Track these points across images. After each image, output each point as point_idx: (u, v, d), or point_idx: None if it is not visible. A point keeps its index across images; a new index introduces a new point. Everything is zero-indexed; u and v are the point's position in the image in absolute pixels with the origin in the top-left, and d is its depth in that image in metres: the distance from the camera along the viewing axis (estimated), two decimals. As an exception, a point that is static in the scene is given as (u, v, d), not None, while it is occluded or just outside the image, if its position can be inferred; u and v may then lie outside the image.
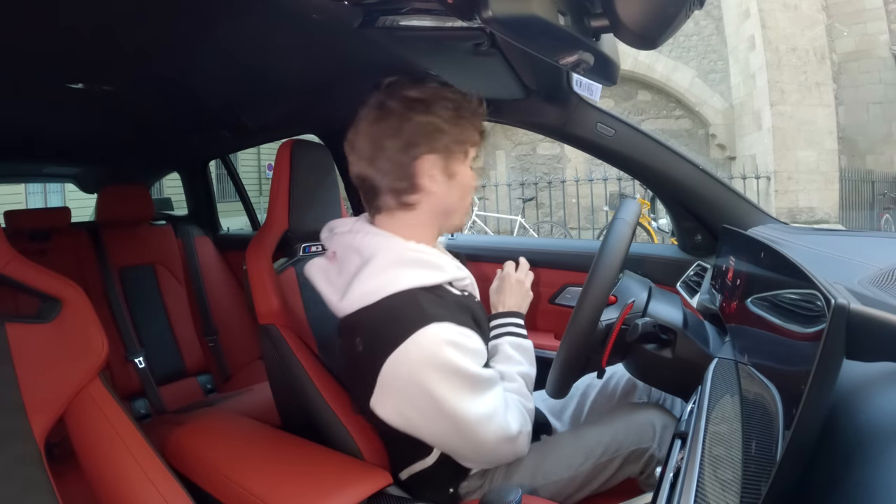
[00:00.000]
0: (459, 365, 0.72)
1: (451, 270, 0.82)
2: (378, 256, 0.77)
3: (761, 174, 6.22)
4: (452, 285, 0.83)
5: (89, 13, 0.72)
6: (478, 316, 0.84)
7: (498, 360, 0.88)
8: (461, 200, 0.84)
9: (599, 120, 1.09)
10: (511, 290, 0.98)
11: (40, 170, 2.38)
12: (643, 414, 0.91)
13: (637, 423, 0.89)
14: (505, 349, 0.89)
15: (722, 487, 0.44)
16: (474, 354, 0.76)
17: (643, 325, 0.81)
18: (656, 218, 5.56)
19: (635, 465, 0.88)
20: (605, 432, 0.90)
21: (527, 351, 0.91)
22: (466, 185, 0.83)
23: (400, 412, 0.76)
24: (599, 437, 0.89)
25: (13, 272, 0.78)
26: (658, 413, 0.91)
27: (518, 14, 0.53)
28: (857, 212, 6.99)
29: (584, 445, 0.89)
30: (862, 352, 0.40)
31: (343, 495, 0.74)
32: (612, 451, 0.87)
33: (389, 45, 0.83)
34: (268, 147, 3.21)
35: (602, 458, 0.87)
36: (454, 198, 0.83)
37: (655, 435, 0.87)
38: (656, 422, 0.89)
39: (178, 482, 0.76)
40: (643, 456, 0.87)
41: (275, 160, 1.03)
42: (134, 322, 1.85)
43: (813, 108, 6.26)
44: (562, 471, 0.88)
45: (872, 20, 7.56)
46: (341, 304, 0.78)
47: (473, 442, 0.77)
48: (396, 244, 0.79)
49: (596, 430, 0.92)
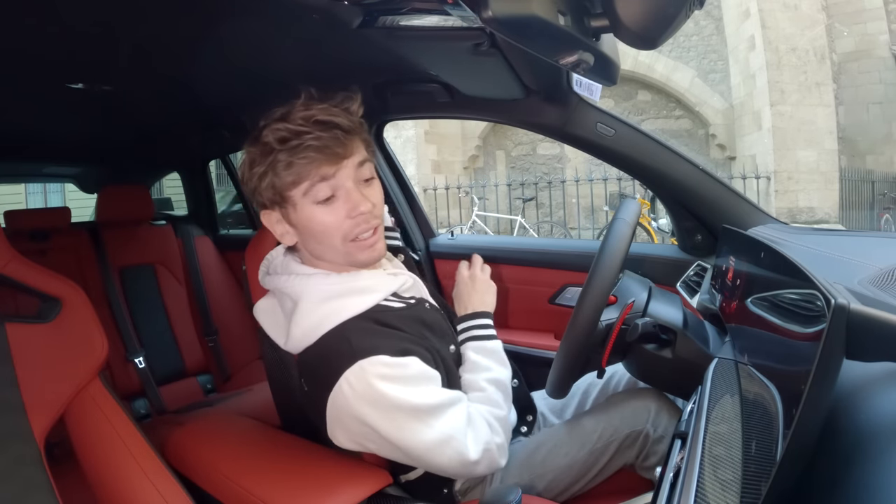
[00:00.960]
0: (396, 398, 0.69)
1: (384, 286, 0.77)
2: (303, 298, 0.74)
3: (761, 174, 6.22)
4: (397, 297, 0.80)
5: (89, 13, 0.72)
6: (428, 321, 0.80)
7: (465, 368, 0.85)
8: (319, 244, 0.75)
9: (599, 120, 1.09)
10: (469, 289, 0.93)
11: (40, 170, 2.38)
12: (638, 398, 0.92)
13: (631, 408, 0.90)
14: (469, 356, 0.85)
15: (722, 487, 0.44)
16: (415, 381, 0.72)
17: (643, 325, 0.81)
18: (656, 218, 5.55)
19: (631, 449, 0.88)
20: (600, 419, 0.90)
21: (492, 353, 0.86)
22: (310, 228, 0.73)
23: (355, 442, 0.74)
24: (595, 424, 0.90)
25: (13, 272, 0.78)
26: (654, 396, 0.91)
27: (518, 14, 0.53)
28: (857, 212, 6.98)
29: (580, 433, 0.90)
30: (862, 352, 0.40)
31: (343, 495, 0.74)
32: (608, 437, 0.88)
33: (389, 45, 0.84)
34: (268, 147, 3.21)
35: (597, 444, 0.87)
36: (311, 243, 0.76)
37: (650, 416, 0.88)
38: (651, 404, 0.89)
39: (178, 482, 0.76)
40: (638, 438, 0.87)
41: (275, 160, 1.03)
42: (134, 322, 1.85)
43: (813, 108, 6.25)
44: (559, 459, 0.88)
45: (872, 20, 7.55)
46: (286, 346, 0.77)
47: (434, 466, 0.75)
48: (316, 281, 0.76)
49: (591, 418, 0.92)
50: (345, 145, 0.71)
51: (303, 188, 0.71)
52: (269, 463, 0.83)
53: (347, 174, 0.72)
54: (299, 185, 0.70)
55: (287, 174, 0.70)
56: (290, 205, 0.73)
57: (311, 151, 0.69)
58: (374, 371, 0.69)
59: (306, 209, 0.72)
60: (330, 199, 0.72)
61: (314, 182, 0.70)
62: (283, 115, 0.71)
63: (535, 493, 0.87)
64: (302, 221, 0.73)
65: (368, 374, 0.69)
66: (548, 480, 0.87)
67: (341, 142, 0.70)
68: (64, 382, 0.76)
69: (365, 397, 0.69)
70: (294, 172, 0.70)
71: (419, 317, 0.80)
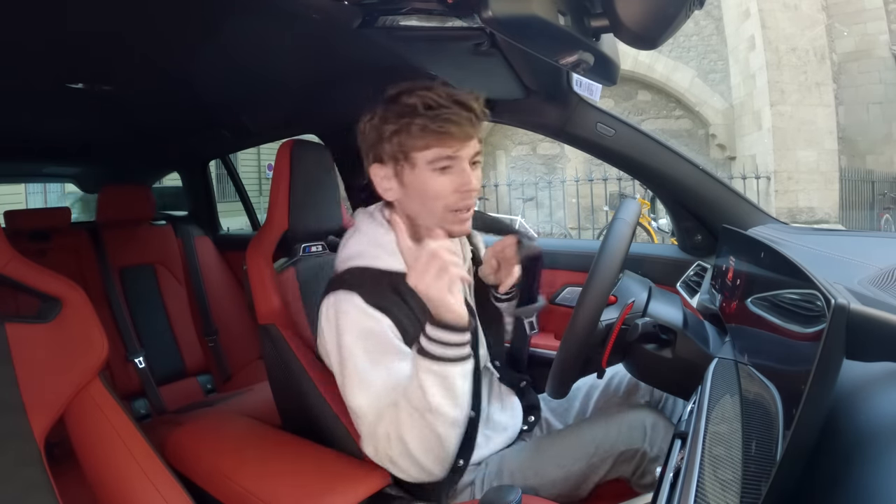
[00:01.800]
0: (345, 330, 0.77)
1: (386, 262, 0.83)
2: (358, 233, 0.87)
3: (761, 174, 6.22)
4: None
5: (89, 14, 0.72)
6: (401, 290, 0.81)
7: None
8: (423, 206, 0.81)
9: (599, 120, 1.09)
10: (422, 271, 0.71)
11: (40, 170, 2.38)
12: (634, 415, 0.91)
13: (627, 424, 0.89)
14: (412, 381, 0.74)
15: (722, 487, 0.44)
16: (368, 334, 0.77)
17: (643, 325, 0.81)
18: (656, 218, 5.56)
19: (627, 465, 0.88)
20: (598, 433, 0.90)
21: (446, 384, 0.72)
22: (421, 190, 0.79)
23: (324, 351, 0.82)
24: (592, 436, 0.90)
25: (13, 272, 0.78)
26: (648, 413, 0.91)
27: (518, 14, 0.53)
28: (857, 212, 6.98)
29: (578, 445, 0.89)
30: (862, 352, 0.40)
31: (343, 495, 0.74)
32: (604, 451, 0.88)
33: (389, 45, 0.84)
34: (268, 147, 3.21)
35: (594, 457, 0.87)
36: (414, 204, 0.81)
37: (646, 435, 0.88)
38: (646, 421, 0.89)
39: (178, 482, 0.76)
40: (635, 456, 0.87)
41: (275, 160, 1.03)
42: (134, 322, 1.85)
43: (813, 108, 6.25)
44: (555, 470, 0.88)
45: (872, 20, 7.55)
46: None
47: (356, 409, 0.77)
48: (375, 229, 0.86)
49: (588, 430, 0.92)
50: (475, 128, 0.78)
51: (429, 154, 0.77)
52: (269, 463, 0.84)
53: (468, 153, 0.78)
54: (427, 150, 0.76)
55: (420, 137, 0.76)
56: (410, 165, 0.78)
57: (448, 125, 0.75)
58: (344, 299, 0.78)
59: (424, 173, 0.78)
60: (446, 170, 0.78)
61: (442, 151, 0.76)
62: (426, 86, 0.77)
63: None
64: (416, 182, 0.79)
65: (336, 300, 0.79)
66: (546, 492, 0.87)
67: (472, 124, 0.77)
68: (64, 382, 0.76)
69: (330, 316, 0.80)
70: (427, 137, 0.75)
71: (398, 289, 0.82)
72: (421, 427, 0.73)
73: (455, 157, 0.77)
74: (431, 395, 0.71)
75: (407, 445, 0.74)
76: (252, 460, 0.85)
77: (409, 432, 0.73)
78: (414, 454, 0.74)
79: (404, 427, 0.74)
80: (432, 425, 0.72)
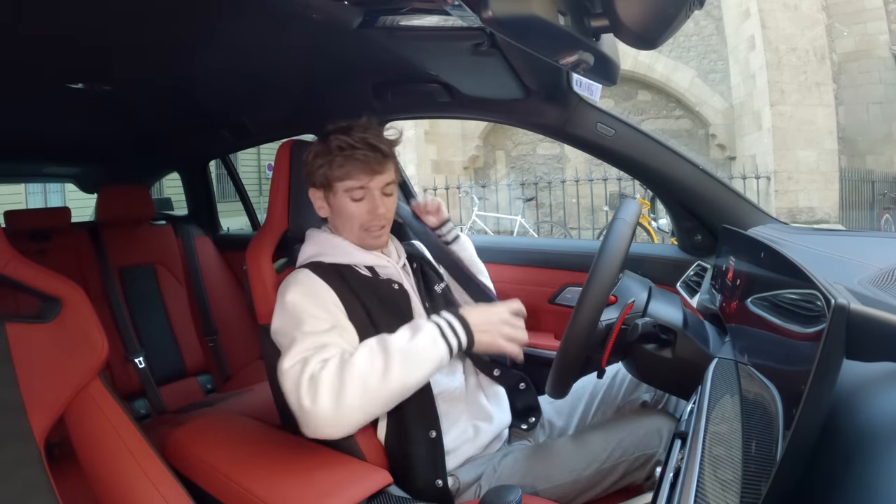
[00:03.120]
0: (290, 290, 0.89)
1: (361, 257, 0.98)
2: (311, 240, 1.01)
3: (761, 174, 6.21)
4: (371, 271, 0.98)
5: (90, 14, 0.72)
6: (382, 294, 0.95)
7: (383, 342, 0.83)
8: (343, 224, 0.98)
9: (599, 120, 1.09)
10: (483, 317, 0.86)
11: (40, 170, 2.38)
12: (649, 420, 0.92)
13: (643, 429, 0.89)
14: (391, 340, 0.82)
15: (722, 487, 0.44)
16: (312, 294, 0.88)
17: (643, 325, 0.81)
18: (656, 218, 5.56)
19: (641, 471, 0.88)
20: (610, 438, 0.90)
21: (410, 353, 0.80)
22: (340, 212, 0.96)
23: (274, 329, 0.90)
24: (604, 442, 0.90)
25: (13, 272, 0.78)
26: (665, 419, 0.91)
27: (518, 14, 0.53)
28: (857, 212, 6.98)
29: (589, 450, 0.89)
30: (862, 352, 0.40)
31: (343, 495, 0.74)
32: (617, 457, 0.88)
33: (389, 45, 0.84)
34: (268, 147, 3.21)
35: (606, 463, 0.87)
36: (338, 221, 0.99)
37: (661, 441, 0.88)
38: (663, 428, 0.89)
39: (178, 482, 0.76)
40: (649, 462, 0.87)
41: (275, 160, 1.03)
42: (134, 322, 1.85)
43: (813, 108, 6.25)
44: (564, 475, 0.88)
45: (872, 20, 7.55)
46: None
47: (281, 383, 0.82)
48: (325, 236, 1.00)
49: (600, 435, 0.92)
50: (381, 164, 0.95)
51: (345, 184, 0.94)
52: (269, 463, 0.83)
53: (376, 184, 0.95)
54: (343, 180, 0.94)
55: (338, 171, 0.93)
56: (332, 191, 0.96)
57: (357, 162, 0.92)
58: (303, 272, 0.92)
59: (342, 199, 0.95)
60: (359, 199, 0.95)
61: (353, 182, 0.93)
62: (345, 129, 0.93)
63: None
64: (336, 205, 0.97)
65: (295, 274, 0.93)
66: (552, 496, 0.87)
67: (380, 161, 0.94)
68: (64, 382, 0.76)
69: (280, 290, 0.92)
70: (343, 172, 0.93)
71: (375, 288, 0.96)
72: (370, 362, 0.78)
73: (365, 188, 0.94)
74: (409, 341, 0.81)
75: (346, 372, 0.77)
76: (252, 460, 0.85)
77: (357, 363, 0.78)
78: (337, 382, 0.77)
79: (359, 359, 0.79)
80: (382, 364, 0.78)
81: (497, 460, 0.93)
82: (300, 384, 0.77)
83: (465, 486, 0.91)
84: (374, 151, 0.93)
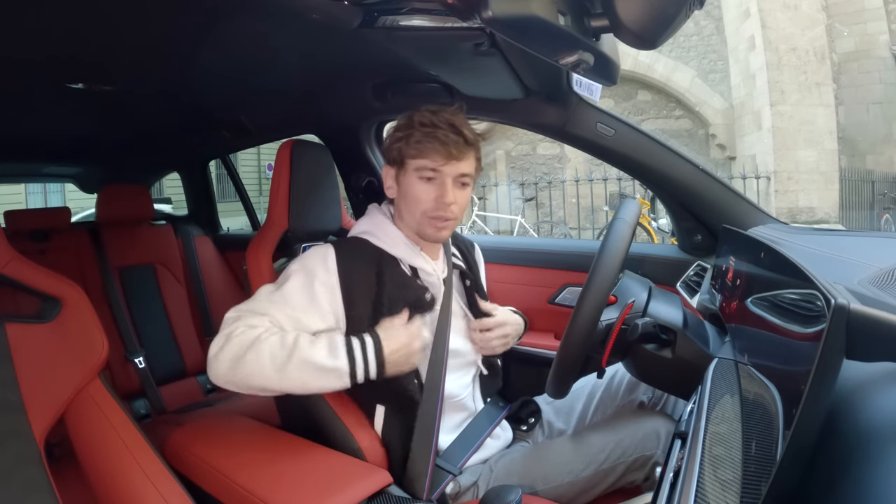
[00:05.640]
0: (299, 260, 0.89)
1: (409, 254, 0.94)
2: (367, 218, 1.00)
3: (761, 174, 6.22)
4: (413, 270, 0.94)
5: (90, 14, 0.72)
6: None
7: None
8: (406, 207, 0.93)
9: (599, 120, 1.08)
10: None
11: (40, 170, 2.38)
12: (648, 421, 0.91)
13: (642, 431, 0.89)
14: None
15: (722, 487, 0.44)
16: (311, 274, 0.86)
17: (643, 325, 0.81)
18: (656, 218, 5.56)
19: (639, 472, 0.88)
20: (609, 439, 0.90)
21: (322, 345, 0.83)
22: (407, 192, 0.92)
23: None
24: (603, 443, 0.90)
25: (13, 272, 0.78)
26: (663, 421, 0.91)
27: (518, 14, 0.53)
28: (857, 212, 6.98)
29: (587, 452, 0.89)
30: (862, 352, 0.40)
31: (343, 495, 0.74)
32: (616, 458, 0.87)
33: (389, 45, 0.84)
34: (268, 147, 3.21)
35: (604, 464, 0.87)
36: (402, 203, 0.94)
37: (660, 442, 0.87)
38: (661, 429, 0.89)
39: (178, 482, 0.76)
40: (647, 463, 0.87)
41: (275, 160, 1.03)
42: (134, 322, 1.85)
43: (813, 108, 6.26)
44: (562, 476, 0.88)
45: (872, 20, 7.55)
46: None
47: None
48: (381, 218, 0.98)
49: (599, 436, 0.92)
50: (461, 151, 0.89)
51: (417, 163, 0.89)
52: (269, 463, 0.83)
53: (451, 171, 0.89)
54: (416, 159, 0.89)
55: (414, 147, 0.89)
56: (404, 169, 0.92)
57: (436, 142, 0.88)
58: (318, 251, 0.90)
59: (411, 177, 0.91)
60: (430, 180, 0.90)
61: (427, 162, 0.89)
62: (434, 110, 0.90)
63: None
64: (404, 184, 0.92)
65: (315, 248, 0.91)
66: (549, 497, 0.87)
67: (460, 147, 0.89)
68: (64, 382, 0.76)
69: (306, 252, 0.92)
70: (418, 149, 0.89)
71: (410, 289, 0.92)
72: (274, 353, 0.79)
73: (438, 171, 0.89)
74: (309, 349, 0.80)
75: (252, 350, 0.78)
76: (252, 460, 0.85)
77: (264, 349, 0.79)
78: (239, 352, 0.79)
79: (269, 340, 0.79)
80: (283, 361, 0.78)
81: (495, 461, 0.93)
82: (221, 333, 0.82)
83: (464, 487, 0.91)
84: (457, 135, 0.88)
